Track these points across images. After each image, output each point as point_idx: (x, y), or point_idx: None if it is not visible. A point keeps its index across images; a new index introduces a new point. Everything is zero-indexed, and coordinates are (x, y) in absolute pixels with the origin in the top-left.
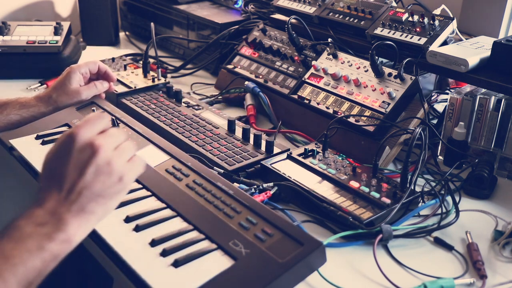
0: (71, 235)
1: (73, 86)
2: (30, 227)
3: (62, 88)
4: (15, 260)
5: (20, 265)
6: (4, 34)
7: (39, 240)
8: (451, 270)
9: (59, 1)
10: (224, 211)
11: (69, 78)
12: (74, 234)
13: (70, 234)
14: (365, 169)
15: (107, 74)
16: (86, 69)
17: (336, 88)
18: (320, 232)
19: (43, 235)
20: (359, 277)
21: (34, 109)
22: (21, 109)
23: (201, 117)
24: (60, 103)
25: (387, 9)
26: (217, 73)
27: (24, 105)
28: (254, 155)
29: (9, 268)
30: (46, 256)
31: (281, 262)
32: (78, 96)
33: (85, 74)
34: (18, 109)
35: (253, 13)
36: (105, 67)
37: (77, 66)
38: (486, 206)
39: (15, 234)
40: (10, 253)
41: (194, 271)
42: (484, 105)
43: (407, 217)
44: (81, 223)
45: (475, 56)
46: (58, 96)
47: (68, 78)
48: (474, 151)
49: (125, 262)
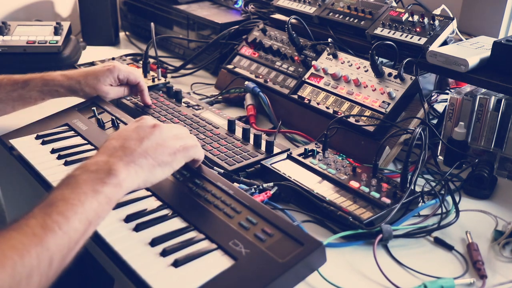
0: (121, 180)
1: (104, 85)
2: (85, 174)
3: (93, 81)
4: (74, 201)
5: (79, 206)
6: (4, 34)
7: (94, 184)
8: (451, 270)
9: (59, 1)
10: (224, 211)
11: (106, 76)
12: (124, 179)
13: (121, 179)
14: (365, 169)
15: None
16: (124, 75)
17: (336, 88)
18: (320, 232)
19: (97, 180)
20: (359, 277)
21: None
22: (44, 87)
23: (201, 117)
24: (85, 94)
25: (387, 9)
26: (217, 73)
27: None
28: (254, 155)
29: (69, 208)
30: (101, 198)
31: (281, 262)
32: (104, 95)
33: (122, 79)
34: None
35: (253, 13)
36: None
37: (119, 70)
38: (486, 206)
39: (71, 181)
40: (69, 196)
41: (194, 271)
42: (484, 105)
43: (407, 217)
44: (130, 172)
45: (475, 56)
46: (85, 85)
47: (105, 76)
48: (474, 151)
49: (125, 262)
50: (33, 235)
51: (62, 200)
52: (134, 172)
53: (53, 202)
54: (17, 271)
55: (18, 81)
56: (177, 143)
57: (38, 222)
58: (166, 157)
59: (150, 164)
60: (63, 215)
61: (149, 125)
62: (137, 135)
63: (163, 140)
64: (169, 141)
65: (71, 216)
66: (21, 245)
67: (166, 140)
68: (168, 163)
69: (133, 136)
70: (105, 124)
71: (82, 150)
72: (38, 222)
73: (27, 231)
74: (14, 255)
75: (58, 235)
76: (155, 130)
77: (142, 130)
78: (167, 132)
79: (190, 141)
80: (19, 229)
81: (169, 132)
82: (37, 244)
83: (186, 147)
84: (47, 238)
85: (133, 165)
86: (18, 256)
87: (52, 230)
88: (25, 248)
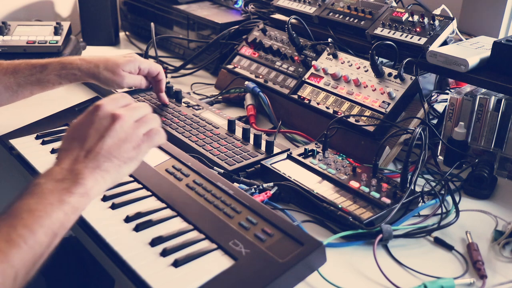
0: (88, 189)
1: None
2: (50, 183)
3: (113, 66)
4: (40, 213)
5: (45, 217)
6: (4, 34)
7: (60, 194)
8: (451, 270)
9: (59, 1)
10: (224, 211)
11: (127, 64)
12: (91, 188)
13: (88, 188)
14: (365, 169)
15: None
16: (145, 67)
17: (336, 88)
18: (320, 232)
19: (63, 190)
20: (359, 277)
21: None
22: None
23: (201, 117)
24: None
25: (387, 9)
26: (217, 73)
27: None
28: (254, 155)
29: (35, 220)
30: (67, 208)
31: (281, 262)
32: (121, 80)
33: (143, 69)
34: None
35: (253, 13)
36: (163, 78)
37: (140, 60)
38: (486, 206)
39: (37, 190)
40: (34, 207)
41: (194, 271)
42: (484, 105)
43: (407, 217)
44: (97, 178)
45: (475, 56)
46: (104, 69)
47: (126, 63)
48: (474, 151)
49: (125, 262)
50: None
51: (28, 211)
52: (101, 178)
53: (18, 213)
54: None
55: (36, 65)
56: (140, 131)
57: (3, 236)
58: (131, 153)
59: (116, 165)
60: (29, 228)
61: (106, 117)
62: (95, 132)
63: (125, 134)
64: (131, 133)
65: (37, 229)
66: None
67: (128, 132)
68: (134, 158)
69: (92, 133)
70: None
71: None
72: (2, 236)
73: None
74: None
75: (23, 250)
76: (115, 124)
77: (101, 124)
78: (128, 121)
79: (153, 123)
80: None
81: (129, 120)
82: (2, 261)
83: (149, 135)
84: (12, 254)
85: (98, 171)
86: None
87: (17, 245)
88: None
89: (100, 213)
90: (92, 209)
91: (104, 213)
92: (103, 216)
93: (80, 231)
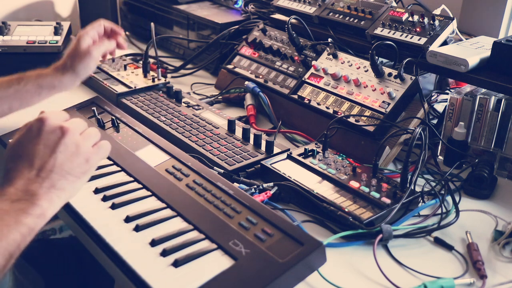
0: (44, 210)
1: (83, 47)
2: (5, 204)
3: (74, 53)
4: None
5: (2, 239)
6: (4, 34)
7: (16, 215)
8: (451, 270)
9: (59, 1)
10: (224, 211)
11: (79, 42)
12: (47, 208)
13: (44, 209)
14: (365, 169)
15: (113, 30)
16: (93, 32)
17: (336, 88)
18: (320, 232)
19: (19, 211)
20: (359, 277)
21: (51, 78)
22: (38, 78)
23: (201, 117)
24: (75, 67)
25: (387, 9)
26: (217, 73)
27: (41, 75)
28: (254, 155)
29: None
30: (24, 230)
31: (281, 262)
32: (89, 55)
33: (94, 37)
34: (36, 79)
35: (253, 13)
36: (111, 24)
37: (85, 31)
38: (486, 206)
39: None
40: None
41: (194, 271)
42: (484, 105)
43: (407, 217)
44: (52, 198)
45: (475, 56)
46: (72, 61)
47: (78, 42)
48: (474, 151)
49: (125, 262)
50: None
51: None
52: (56, 197)
53: None
54: None
55: (13, 78)
56: (88, 143)
57: None
58: (84, 166)
59: (71, 182)
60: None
61: (54, 130)
62: (44, 147)
63: (75, 147)
64: (81, 145)
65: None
66: None
67: (78, 144)
68: (86, 172)
69: (41, 149)
70: (105, 124)
71: None
72: None
73: None
74: None
75: None
76: (64, 137)
77: (49, 139)
78: (75, 133)
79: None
80: None
81: (76, 133)
82: None
83: (97, 148)
84: None
85: (53, 190)
86: None
87: None
88: None
89: (100, 213)
90: (92, 209)
91: (104, 213)
92: (103, 216)
93: (80, 231)
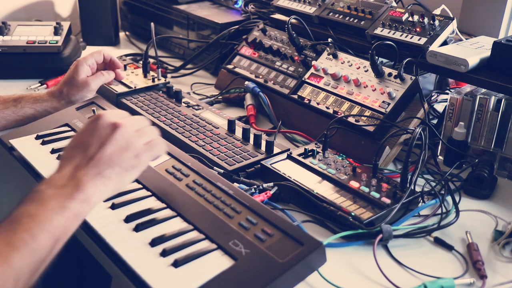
0: (89, 195)
1: (81, 78)
2: (51, 190)
3: (71, 82)
4: (41, 218)
5: (46, 222)
6: (4, 34)
7: (61, 200)
8: (451, 270)
9: (59, 1)
10: (224, 211)
11: (77, 70)
12: (92, 194)
13: (89, 194)
14: (365, 169)
15: (113, 61)
16: (92, 60)
17: (336, 88)
18: (320, 232)
19: (64, 196)
20: (359, 277)
21: (47, 104)
22: (35, 103)
23: (201, 117)
24: (71, 96)
25: (387, 9)
26: (217, 73)
27: (38, 100)
28: (254, 155)
29: (36, 225)
30: (69, 214)
31: (281, 262)
32: (87, 87)
33: (92, 65)
34: (32, 103)
35: (253, 13)
36: (110, 55)
37: (84, 59)
38: (486, 206)
39: (37, 197)
40: (35, 212)
41: (194, 271)
42: (484, 105)
43: (407, 217)
44: (98, 185)
45: (475, 56)
46: (68, 90)
47: (76, 70)
48: (474, 151)
49: (125, 262)
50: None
51: (28, 217)
52: (102, 184)
53: (18, 218)
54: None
55: (10, 98)
56: (140, 141)
57: (3, 240)
58: (132, 161)
59: (117, 173)
60: (30, 232)
61: (107, 126)
62: (97, 140)
63: (126, 142)
64: (132, 142)
65: (38, 233)
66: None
67: (129, 140)
68: (135, 166)
69: (94, 142)
70: None
71: None
72: (2, 240)
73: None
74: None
75: (24, 253)
76: (115, 132)
77: (101, 133)
78: (129, 130)
79: (151, 134)
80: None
81: (130, 129)
82: (2, 262)
83: (150, 145)
84: (12, 257)
85: (100, 178)
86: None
87: (17, 248)
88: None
89: (100, 213)
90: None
91: (104, 213)
92: (103, 216)
93: (80, 231)
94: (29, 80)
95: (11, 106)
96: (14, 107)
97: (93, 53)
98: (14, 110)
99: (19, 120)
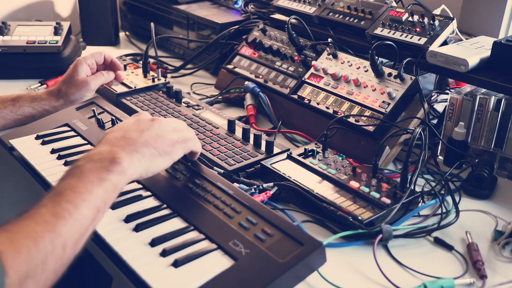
0: (125, 168)
1: (80, 77)
2: (89, 164)
3: (70, 80)
4: (81, 189)
5: (87, 194)
6: (4, 34)
7: (99, 172)
8: (451, 270)
9: (59, 1)
10: (224, 211)
11: (76, 69)
12: (127, 167)
13: (125, 167)
14: (365, 169)
15: (113, 62)
16: (92, 60)
17: (336, 88)
18: (320, 232)
19: (101, 168)
20: (359, 277)
21: (45, 103)
22: (33, 102)
23: (201, 117)
24: (70, 95)
25: (387, 9)
26: (217, 73)
27: (36, 99)
28: (254, 155)
29: (78, 196)
30: (107, 185)
31: (281, 262)
32: (86, 86)
33: (92, 65)
34: (30, 102)
35: (253, 13)
36: (111, 56)
37: (84, 58)
38: (486, 206)
39: (77, 171)
40: (75, 185)
41: (194, 271)
42: (484, 105)
43: (407, 217)
44: (133, 159)
45: (475, 56)
46: (67, 89)
47: (75, 69)
48: (474, 151)
49: (125, 262)
50: (45, 223)
51: (70, 189)
52: (137, 160)
53: (61, 191)
54: (32, 257)
55: (8, 98)
56: (175, 135)
57: (48, 210)
58: (166, 147)
59: (152, 153)
60: (72, 203)
61: (148, 119)
62: (137, 127)
63: (162, 132)
64: (168, 133)
65: (80, 204)
66: (35, 232)
67: (165, 132)
68: (168, 153)
69: (134, 128)
70: (105, 124)
71: (82, 150)
72: (48, 211)
73: (39, 219)
74: (29, 242)
75: (69, 222)
76: (154, 123)
77: (142, 123)
78: (166, 125)
79: (188, 133)
80: (31, 218)
81: (167, 125)
82: (50, 230)
83: (184, 139)
84: (59, 225)
85: (135, 154)
86: (32, 243)
87: (63, 217)
88: (39, 235)
89: None
90: None
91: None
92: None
93: None
94: (29, 80)
95: (9, 105)
96: (12, 106)
97: (94, 53)
98: (12, 109)
99: (18, 119)
